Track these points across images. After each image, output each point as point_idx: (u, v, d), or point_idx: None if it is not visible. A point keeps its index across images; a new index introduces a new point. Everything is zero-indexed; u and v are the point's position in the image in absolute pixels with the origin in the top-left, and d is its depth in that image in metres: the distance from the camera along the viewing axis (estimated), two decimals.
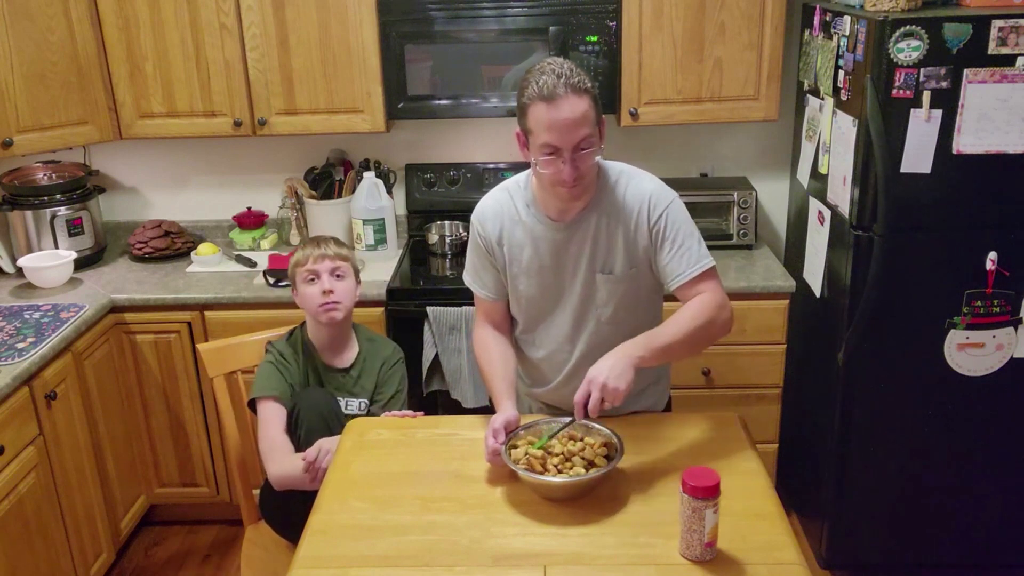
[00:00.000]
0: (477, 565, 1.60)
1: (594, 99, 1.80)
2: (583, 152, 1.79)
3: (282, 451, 2.17)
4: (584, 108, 1.77)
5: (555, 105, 1.75)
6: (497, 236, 2.00)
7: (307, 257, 2.31)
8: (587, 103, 1.78)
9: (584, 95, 1.77)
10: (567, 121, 1.76)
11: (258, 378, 2.28)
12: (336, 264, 2.31)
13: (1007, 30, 2.28)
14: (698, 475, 1.54)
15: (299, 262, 2.33)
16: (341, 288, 2.30)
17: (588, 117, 1.78)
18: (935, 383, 2.59)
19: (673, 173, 3.23)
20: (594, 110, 1.80)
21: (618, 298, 1.96)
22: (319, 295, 2.27)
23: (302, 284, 2.31)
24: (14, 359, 2.42)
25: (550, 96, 1.75)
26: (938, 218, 2.46)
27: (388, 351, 2.42)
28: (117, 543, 2.93)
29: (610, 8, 2.82)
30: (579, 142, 1.78)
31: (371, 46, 2.89)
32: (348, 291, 2.32)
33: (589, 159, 1.81)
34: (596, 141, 1.82)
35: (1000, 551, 2.78)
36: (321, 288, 2.27)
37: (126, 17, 2.91)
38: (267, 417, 2.22)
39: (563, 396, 2.10)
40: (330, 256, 2.31)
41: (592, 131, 1.80)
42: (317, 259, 2.30)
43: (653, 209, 1.90)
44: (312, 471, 2.05)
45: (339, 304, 2.28)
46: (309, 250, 2.33)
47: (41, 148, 2.93)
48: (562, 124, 1.76)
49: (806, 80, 2.90)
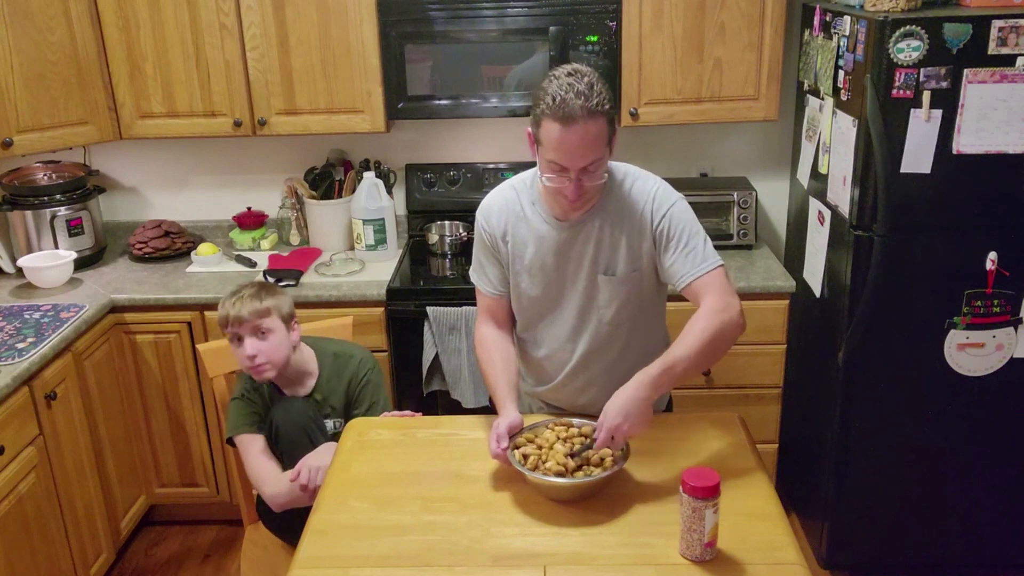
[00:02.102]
0: (477, 565, 1.60)
1: (610, 120, 1.76)
2: (590, 173, 1.78)
3: (271, 478, 2.14)
4: (597, 132, 1.73)
5: (569, 128, 1.71)
6: (502, 232, 2.00)
7: (224, 319, 2.16)
8: (601, 126, 1.73)
9: (600, 117, 1.72)
10: (578, 145, 1.72)
11: (231, 416, 2.23)
12: (256, 323, 2.14)
13: (1007, 30, 2.28)
14: (698, 475, 1.54)
15: (220, 321, 2.17)
16: (266, 347, 2.14)
17: (600, 141, 1.74)
18: (935, 383, 2.59)
19: (673, 173, 3.23)
20: (608, 131, 1.76)
21: (620, 300, 1.95)
22: (244, 358, 2.15)
23: (229, 343, 2.20)
24: (14, 359, 2.42)
25: (566, 118, 1.70)
26: (938, 218, 2.46)
27: (355, 364, 2.30)
28: (117, 543, 2.93)
29: (610, 8, 2.82)
30: (587, 165, 1.76)
31: (371, 46, 2.90)
32: (276, 347, 2.16)
33: (595, 179, 1.79)
34: (605, 163, 1.79)
35: (1000, 551, 2.78)
36: (245, 353, 2.14)
37: (126, 17, 2.92)
38: (247, 448, 2.19)
39: (563, 395, 2.10)
40: (246, 318, 2.13)
41: (603, 153, 1.77)
42: (234, 323, 2.14)
43: (656, 210, 1.89)
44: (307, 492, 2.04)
45: (267, 364, 2.14)
46: (225, 309, 2.16)
47: (41, 148, 2.93)
48: (573, 148, 1.73)
49: (806, 80, 2.90)
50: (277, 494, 2.13)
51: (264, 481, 2.15)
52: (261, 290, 2.20)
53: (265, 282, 2.31)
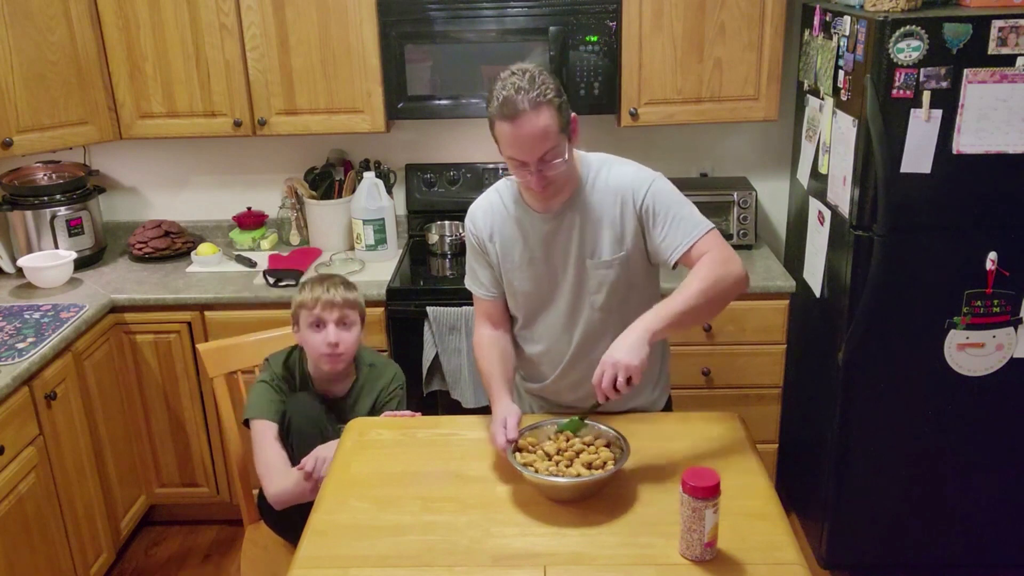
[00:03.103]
0: (477, 565, 1.60)
1: (558, 108, 1.80)
2: (548, 163, 1.81)
3: (279, 469, 2.14)
4: (545, 122, 1.77)
5: (516, 123, 1.76)
6: (488, 233, 2.04)
7: (314, 301, 2.19)
8: (548, 115, 1.77)
9: (544, 107, 1.77)
10: (528, 138, 1.77)
11: (252, 398, 2.24)
12: (344, 313, 2.20)
13: (1007, 30, 2.28)
14: (698, 475, 1.54)
15: (304, 304, 2.20)
16: (347, 339, 2.19)
17: (550, 130, 1.78)
18: (935, 383, 2.59)
19: (673, 173, 3.20)
20: (558, 119, 1.80)
21: (609, 284, 1.97)
22: (323, 344, 2.17)
23: (306, 328, 2.21)
24: (14, 359, 2.42)
25: (512, 115, 1.76)
26: (938, 218, 2.46)
27: (388, 378, 2.33)
28: (117, 543, 2.93)
29: (610, 8, 2.82)
30: (543, 155, 1.80)
31: (371, 46, 2.90)
32: (353, 340, 2.22)
33: (555, 168, 1.83)
34: (562, 150, 1.82)
35: (1000, 551, 2.78)
36: (326, 339, 2.17)
37: (126, 17, 2.92)
38: (261, 436, 2.18)
39: (560, 390, 2.12)
40: (338, 304, 2.18)
41: (556, 142, 1.80)
42: (325, 307, 2.18)
43: (637, 191, 1.92)
44: (312, 481, 2.04)
45: (343, 355, 2.20)
46: (316, 292, 2.20)
47: (41, 148, 2.93)
48: (524, 141, 1.78)
49: (806, 80, 2.90)
50: (281, 491, 2.11)
51: (272, 471, 2.13)
52: (348, 284, 2.27)
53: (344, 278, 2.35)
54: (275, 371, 2.27)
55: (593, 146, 2.07)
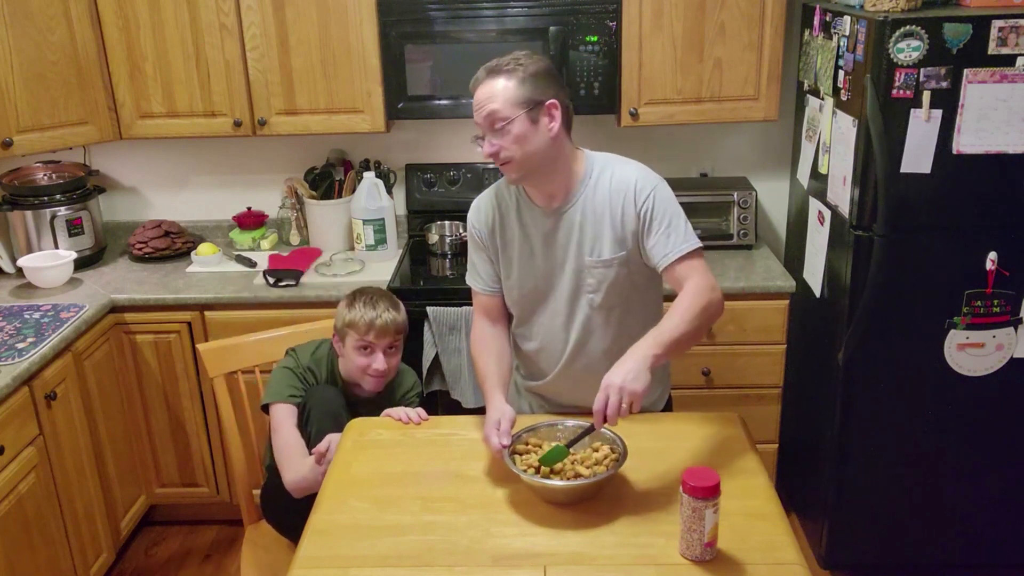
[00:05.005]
0: (477, 565, 1.60)
1: (520, 80, 1.83)
2: (496, 132, 1.84)
3: (297, 456, 2.13)
4: (494, 89, 1.83)
5: (474, 92, 1.87)
6: (489, 228, 2.05)
7: (366, 326, 2.17)
8: (501, 83, 1.83)
9: (501, 76, 1.83)
10: (477, 101, 1.86)
11: (274, 383, 2.24)
12: (395, 339, 2.21)
13: (1007, 30, 2.28)
14: (698, 475, 1.54)
15: (353, 324, 2.18)
16: (393, 364, 2.22)
17: (500, 97, 1.82)
18: (935, 383, 2.59)
19: (673, 173, 3.22)
20: (515, 90, 1.83)
21: (608, 283, 1.97)
22: (368, 366, 2.19)
23: (352, 348, 2.20)
24: (14, 359, 2.42)
25: (472, 85, 1.88)
26: (938, 218, 2.46)
27: (409, 384, 2.38)
28: (117, 543, 2.93)
29: (610, 8, 2.82)
30: (492, 121, 1.84)
31: (371, 46, 2.90)
32: (397, 363, 2.25)
33: (502, 136, 1.85)
34: (516, 120, 1.83)
35: (1000, 551, 2.78)
36: (373, 364, 2.19)
37: (126, 17, 2.92)
38: (281, 421, 2.19)
39: (559, 389, 2.12)
40: (390, 331, 2.18)
41: (502, 108, 1.83)
42: (378, 334, 2.17)
43: (639, 193, 1.92)
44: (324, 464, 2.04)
45: (385, 379, 2.23)
46: (367, 314, 2.18)
47: (41, 148, 2.93)
48: (475, 105, 1.87)
49: (806, 80, 2.90)
50: (300, 478, 2.09)
51: (291, 457, 2.12)
52: (394, 302, 2.25)
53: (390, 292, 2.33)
54: (300, 361, 2.28)
55: (593, 146, 2.07)
